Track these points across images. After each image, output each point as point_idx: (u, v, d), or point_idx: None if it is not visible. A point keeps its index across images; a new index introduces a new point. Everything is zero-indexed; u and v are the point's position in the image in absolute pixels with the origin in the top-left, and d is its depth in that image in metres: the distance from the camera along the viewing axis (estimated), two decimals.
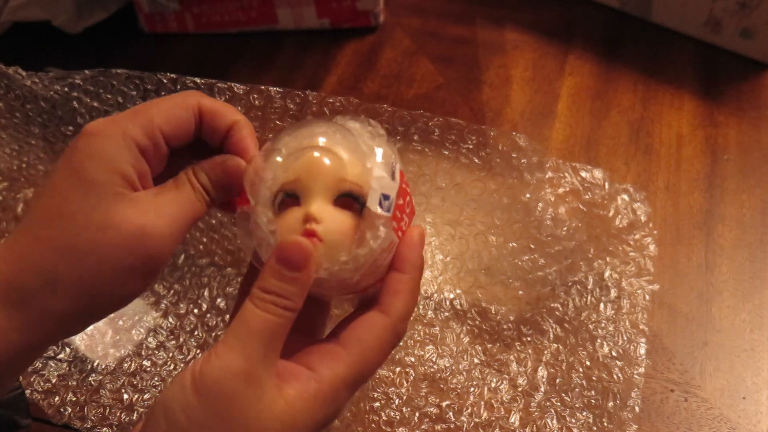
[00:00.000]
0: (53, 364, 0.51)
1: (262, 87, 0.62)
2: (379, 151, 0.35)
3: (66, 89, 0.63)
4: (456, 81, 0.69)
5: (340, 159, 0.33)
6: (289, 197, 0.33)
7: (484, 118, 0.65)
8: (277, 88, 0.63)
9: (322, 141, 0.34)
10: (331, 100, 0.60)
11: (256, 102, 0.62)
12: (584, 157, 0.62)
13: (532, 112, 0.66)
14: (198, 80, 0.64)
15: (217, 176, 0.36)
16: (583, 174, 0.57)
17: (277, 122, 0.62)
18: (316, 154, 0.33)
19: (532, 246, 0.55)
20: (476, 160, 0.58)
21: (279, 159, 0.34)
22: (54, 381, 0.50)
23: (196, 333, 0.53)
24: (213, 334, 0.53)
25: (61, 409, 0.49)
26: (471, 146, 0.59)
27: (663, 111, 0.66)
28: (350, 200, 0.33)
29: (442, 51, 0.72)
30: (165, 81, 0.63)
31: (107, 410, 0.49)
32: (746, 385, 0.50)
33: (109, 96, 0.63)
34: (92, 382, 0.50)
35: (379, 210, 0.33)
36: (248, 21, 0.72)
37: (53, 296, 0.32)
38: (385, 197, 0.33)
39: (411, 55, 0.71)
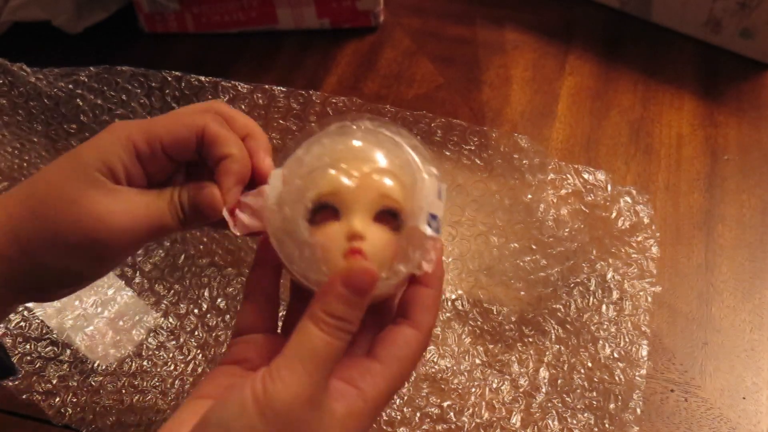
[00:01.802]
0: (54, 366, 0.51)
1: (266, 86, 0.62)
2: (426, 169, 0.35)
3: (70, 86, 0.63)
4: (456, 81, 0.69)
5: (385, 176, 0.33)
6: (326, 209, 0.33)
7: (484, 118, 0.66)
8: (281, 88, 0.63)
9: (361, 151, 0.34)
10: (334, 100, 0.60)
11: (260, 101, 0.62)
12: (584, 157, 0.62)
13: (532, 112, 0.66)
14: (203, 78, 0.65)
15: (192, 198, 0.37)
16: (586, 176, 0.57)
17: (281, 121, 0.62)
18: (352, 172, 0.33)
19: (534, 247, 0.55)
20: (478, 161, 0.59)
21: (317, 171, 0.33)
22: (54, 382, 0.50)
23: (196, 333, 0.53)
24: (213, 334, 0.53)
25: (62, 410, 0.49)
26: (473, 147, 0.59)
27: (663, 111, 0.66)
28: (388, 216, 0.33)
29: (442, 51, 0.72)
30: (170, 79, 0.64)
31: (107, 411, 0.49)
32: (746, 385, 0.50)
33: (113, 93, 0.63)
34: (92, 383, 0.50)
35: (428, 230, 0.33)
36: (248, 21, 0.72)
37: (10, 244, 0.35)
38: (433, 217, 0.33)
39: (411, 55, 0.71)
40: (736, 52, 0.69)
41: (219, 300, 0.54)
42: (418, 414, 0.49)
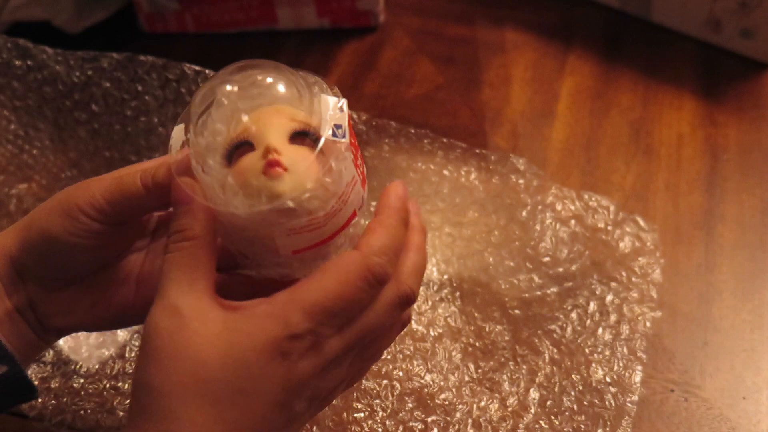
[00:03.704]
0: (36, 367, 0.50)
1: None
2: (319, 89, 0.35)
3: (89, 72, 0.63)
4: (456, 81, 0.69)
5: (287, 103, 0.34)
6: (242, 147, 0.33)
7: (484, 118, 0.65)
8: None
9: (265, 81, 0.35)
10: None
11: None
12: (584, 157, 0.62)
13: (532, 112, 0.66)
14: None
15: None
16: (588, 200, 0.58)
17: None
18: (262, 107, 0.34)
19: (531, 266, 0.55)
20: (476, 182, 0.59)
21: (220, 124, 0.34)
22: (36, 384, 0.49)
23: None
24: None
25: (42, 412, 0.48)
26: (472, 168, 0.60)
27: (663, 111, 0.66)
28: (302, 136, 0.33)
29: (442, 51, 0.72)
30: (188, 71, 0.64)
31: (88, 413, 0.48)
32: (746, 385, 0.50)
33: (129, 84, 0.63)
34: (74, 385, 0.49)
35: (334, 137, 0.33)
36: (248, 21, 0.72)
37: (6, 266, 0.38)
38: (338, 126, 0.34)
39: (411, 55, 0.71)
40: (736, 52, 0.69)
41: None
42: (401, 428, 0.47)
